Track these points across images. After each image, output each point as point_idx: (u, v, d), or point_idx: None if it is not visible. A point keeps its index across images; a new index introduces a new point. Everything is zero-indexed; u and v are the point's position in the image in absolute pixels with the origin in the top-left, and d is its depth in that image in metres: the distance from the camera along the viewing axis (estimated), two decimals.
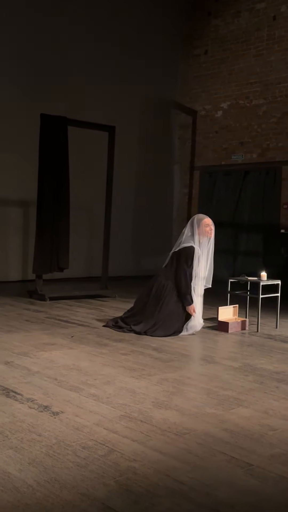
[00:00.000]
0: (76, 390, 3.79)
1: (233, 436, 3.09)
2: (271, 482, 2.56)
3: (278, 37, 10.20)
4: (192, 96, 11.68)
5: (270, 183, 10.36)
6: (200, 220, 5.91)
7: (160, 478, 2.55)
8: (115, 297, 8.26)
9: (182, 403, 3.60)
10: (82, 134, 8.85)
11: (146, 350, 5.08)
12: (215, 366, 4.62)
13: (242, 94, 10.79)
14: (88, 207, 10.05)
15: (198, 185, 11.61)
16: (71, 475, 2.54)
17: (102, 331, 5.85)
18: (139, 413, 3.39)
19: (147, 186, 11.32)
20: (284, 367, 4.65)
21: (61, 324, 6.12)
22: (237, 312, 6.50)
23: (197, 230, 5.87)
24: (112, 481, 2.50)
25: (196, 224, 5.89)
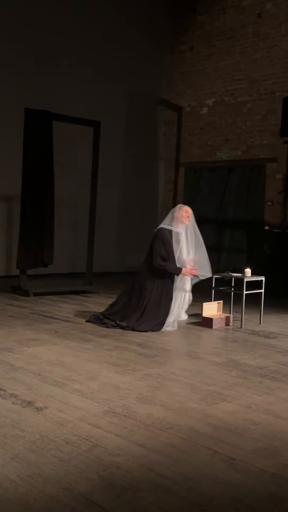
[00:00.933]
0: (59, 385, 3.78)
1: (216, 431, 3.11)
2: (254, 476, 2.59)
3: (263, 34, 10.24)
4: (178, 93, 11.68)
5: (255, 180, 10.41)
6: (181, 206, 6.09)
7: (143, 473, 2.56)
8: (100, 293, 8.25)
9: (166, 398, 3.62)
10: (67, 129, 8.80)
11: (130, 345, 5.08)
12: (199, 361, 4.64)
13: (227, 91, 10.81)
14: (73, 203, 10.01)
15: (183, 181, 11.62)
16: (54, 470, 2.54)
17: (86, 326, 5.84)
18: (123, 408, 3.39)
19: (132, 182, 11.31)
20: (267, 362, 4.69)
21: (45, 320, 6.09)
22: (221, 308, 6.54)
23: (175, 214, 5.99)
24: (95, 475, 2.50)
25: (177, 209, 6.04)
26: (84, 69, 10.27)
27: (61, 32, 9.95)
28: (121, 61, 10.88)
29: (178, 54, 11.66)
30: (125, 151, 11.22)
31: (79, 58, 10.22)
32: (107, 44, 10.65)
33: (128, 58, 10.99)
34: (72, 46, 10.13)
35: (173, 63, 11.72)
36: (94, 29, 10.43)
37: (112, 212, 10.98)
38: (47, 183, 7.87)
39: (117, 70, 10.81)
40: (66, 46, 10.04)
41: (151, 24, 11.37)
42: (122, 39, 10.86)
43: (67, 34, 10.04)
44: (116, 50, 10.79)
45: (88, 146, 8.60)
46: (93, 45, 10.43)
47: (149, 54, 11.44)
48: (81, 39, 10.25)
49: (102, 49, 10.57)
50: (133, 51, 11.07)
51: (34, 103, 8.17)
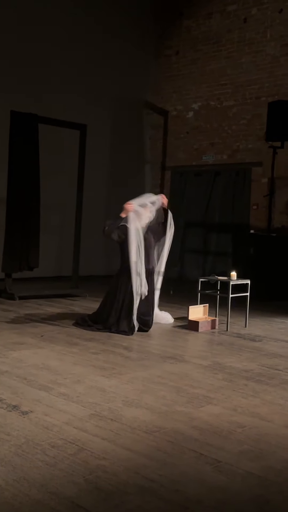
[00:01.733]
0: (45, 389, 3.77)
1: (202, 434, 3.11)
2: (239, 478, 2.60)
3: (249, 39, 10.32)
4: (164, 97, 11.72)
5: (240, 184, 10.47)
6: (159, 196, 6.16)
7: (129, 476, 2.55)
8: (86, 296, 8.23)
9: (152, 401, 3.62)
10: (53, 132, 8.78)
11: (116, 349, 5.08)
12: (185, 364, 4.65)
13: (213, 95, 10.87)
14: (59, 206, 9.98)
15: (169, 185, 11.65)
16: (40, 474, 2.53)
17: (72, 330, 5.83)
18: (109, 411, 3.39)
19: (118, 185, 11.30)
20: (253, 365, 4.71)
21: (31, 324, 6.07)
22: (207, 311, 6.56)
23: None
24: (81, 479, 2.49)
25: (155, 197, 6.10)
26: (71, 72, 10.27)
27: (47, 36, 9.93)
28: (108, 64, 10.89)
29: (164, 58, 11.70)
30: (111, 154, 11.23)
31: (66, 61, 10.21)
32: (94, 48, 10.65)
33: (114, 62, 11.00)
34: (59, 50, 10.11)
35: (160, 67, 11.76)
36: (81, 33, 10.43)
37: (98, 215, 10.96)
38: (33, 186, 7.85)
39: (103, 73, 10.82)
40: (53, 50, 10.02)
41: (138, 28, 11.40)
42: (108, 43, 10.88)
43: (54, 38, 10.03)
44: (103, 54, 10.80)
45: (74, 149, 8.59)
46: (79, 49, 10.43)
47: (136, 58, 11.47)
48: (67, 43, 10.24)
49: (89, 53, 10.58)
50: (119, 55, 11.08)
51: (21, 106, 8.14)
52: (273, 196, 9.66)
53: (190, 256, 11.18)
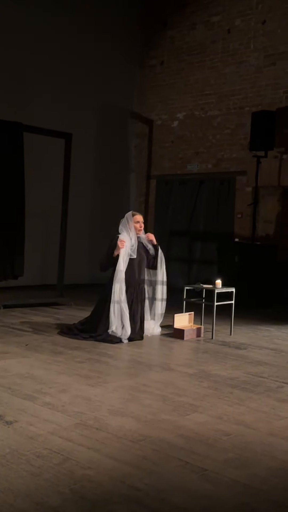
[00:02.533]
0: (30, 398, 3.74)
1: (188, 442, 3.11)
2: (225, 487, 2.60)
3: (232, 50, 10.43)
4: (149, 106, 11.79)
5: (225, 193, 10.54)
6: (131, 216, 6.07)
7: (115, 485, 2.54)
8: (71, 305, 8.20)
9: (138, 410, 3.61)
10: (38, 141, 8.78)
11: (102, 357, 5.06)
12: (170, 373, 4.65)
13: (197, 105, 10.96)
14: (44, 214, 9.96)
15: (154, 193, 11.69)
16: (25, 484, 2.50)
17: (57, 339, 5.80)
18: (94, 420, 3.37)
19: (103, 194, 11.32)
20: (238, 373, 4.73)
21: (15, 333, 6.02)
22: (192, 319, 6.57)
23: (127, 225, 6.00)
24: (66, 489, 2.48)
25: (126, 220, 6.04)
26: (56, 81, 10.28)
27: (32, 45, 9.94)
28: (93, 74, 10.93)
29: (149, 68, 11.78)
30: (96, 163, 11.25)
31: (51, 70, 10.23)
32: (79, 57, 10.69)
33: (99, 71, 11.05)
34: (44, 59, 10.13)
35: (144, 77, 11.83)
36: (66, 42, 10.46)
37: (83, 224, 10.97)
38: (18, 194, 7.82)
39: (89, 83, 10.85)
40: (38, 59, 10.04)
41: (123, 38, 11.47)
42: (94, 53, 10.92)
43: (39, 48, 10.04)
44: (88, 63, 10.84)
45: (59, 158, 8.58)
46: (65, 58, 10.45)
47: (121, 67, 11.53)
48: (53, 52, 10.26)
49: (74, 62, 10.61)
50: (104, 64, 11.14)
51: (5, 114, 8.13)
52: (257, 205, 9.74)
53: (175, 265, 11.18)
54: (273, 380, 4.53)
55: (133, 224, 5.99)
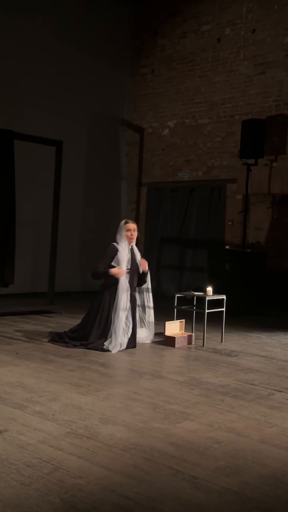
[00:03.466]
0: (20, 407, 3.72)
1: (179, 450, 3.10)
2: (216, 495, 2.59)
3: (222, 58, 10.51)
4: (140, 114, 11.83)
5: (215, 200, 10.58)
6: (123, 224, 6.04)
7: (105, 494, 2.53)
8: (62, 312, 8.17)
9: (129, 418, 3.60)
10: (29, 148, 8.77)
11: (93, 365, 5.04)
12: (161, 380, 4.64)
13: (188, 113, 11.02)
14: (35, 222, 9.94)
15: (145, 201, 11.72)
16: (15, 494, 2.48)
17: (48, 347, 5.77)
18: (85, 429, 3.36)
19: (94, 202, 11.33)
20: (229, 380, 4.73)
21: (5, 341, 5.99)
22: (183, 327, 6.57)
23: (121, 233, 5.99)
24: (57, 498, 2.46)
25: (119, 229, 6.02)
26: (47, 89, 10.30)
27: (23, 53, 9.96)
28: (84, 82, 10.97)
29: (139, 76, 11.83)
30: (87, 170, 11.25)
31: (42, 78, 10.24)
32: (70, 65, 10.72)
33: (90, 79, 11.09)
34: (35, 67, 10.15)
35: (135, 85, 11.89)
36: (57, 51, 10.49)
37: (74, 231, 10.96)
38: (8, 202, 7.80)
39: (80, 90, 10.88)
40: (29, 67, 10.06)
41: (113, 47, 11.52)
42: (85, 61, 10.96)
43: (30, 56, 10.06)
44: (79, 71, 10.88)
45: (50, 166, 8.58)
46: (56, 66, 10.48)
47: (112, 76, 11.57)
48: (44, 60, 10.29)
49: (65, 70, 10.64)
50: (95, 72, 11.17)
51: None
52: (247, 213, 9.78)
53: (166, 272, 11.21)
54: (264, 388, 4.53)
55: (125, 233, 5.97)
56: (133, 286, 6.01)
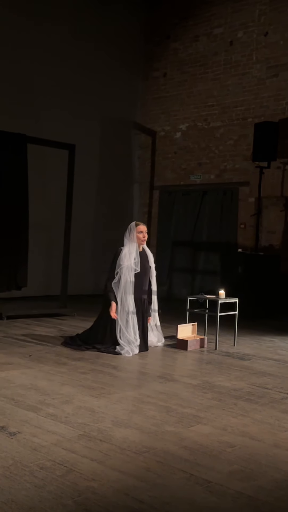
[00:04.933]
0: (33, 410, 3.73)
1: (192, 454, 3.09)
2: (230, 499, 2.58)
3: (235, 61, 10.50)
4: (152, 117, 11.85)
5: (228, 203, 10.56)
6: (134, 226, 5.99)
7: (119, 497, 2.53)
8: (74, 315, 8.19)
9: (142, 421, 3.59)
10: (42, 152, 8.82)
11: (105, 368, 5.05)
12: (174, 384, 4.63)
13: (200, 116, 11.02)
14: (47, 225, 9.98)
15: (158, 204, 11.72)
16: (29, 496, 2.49)
17: (60, 350, 5.79)
18: (98, 432, 3.36)
19: (107, 205, 11.35)
20: (242, 384, 4.70)
21: (19, 343, 6.02)
22: (195, 330, 6.55)
23: (130, 235, 5.94)
24: (70, 501, 2.46)
25: (129, 230, 5.97)
26: (60, 93, 10.36)
27: (36, 57, 10.03)
28: (97, 86, 11.01)
29: (152, 80, 11.86)
30: (100, 174, 11.29)
31: (55, 82, 10.30)
32: (83, 69, 10.77)
33: (103, 83, 11.13)
34: (48, 71, 10.21)
35: (147, 89, 11.91)
36: (70, 54, 10.55)
37: (87, 234, 10.99)
38: (22, 205, 7.85)
39: (92, 94, 10.93)
40: (42, 71, 10.12)
41: (126, 51, 11.56)
42: (97, 65, 11.01)
43: (43, 59, 10.13)
44: (92, 75, 10.93)
45: (63, 169, 8.62)
46: (68, 70, 10.54)
47: (124, 79, 11.61)
48: (57, 64, 10.35)
49: (78, 74, 10.69)
50: (108, 76, 11.22)
51: (9, 126, 8.18)
52: (260, 216, 9.75)
53: (178, 275, 11.20)
54: (277, 391, 4.51)
55: (136, 235, 5.95)
56: (143, 289, 5.98)
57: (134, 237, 5.91)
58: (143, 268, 5.93)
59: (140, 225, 6.01)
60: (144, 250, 6.07)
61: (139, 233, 5.93)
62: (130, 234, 5.92)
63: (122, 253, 5.84)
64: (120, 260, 5.81)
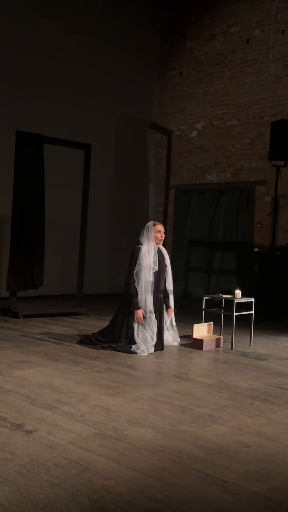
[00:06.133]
0: (49, 408, 3.75)
1: (207, 453, 3.08)
2: (246, 499, 2.57)
3: (251, 60, 10.44)
4: (168, 116, 11.84)
5: (244, 202, 10.51)
6: (152, 226, 5.99)
7: (134, 496, 2.53)
8: (90, 314, 8.22)
9: (157, 421, 3.59)
10: (58, 152, 8.86)
11: (121, 367, 5.06)
12: (189, 383, 4.62)
13: (216, 115, 10.97)
14: (64, 224, 10.03)
15: (173, 203, 11.71)
16: (44, 493, 2.50)
17: (76, 348, 5.81)
18: (113, 431, 3.36)
19: (122, 204, 11.37)
20: (258, 384, 4.68)
21: (35, 342, 6.05)
22: (211, 329, 6.53)
23: (148, 235, 5.93)
24: (86, 499, 2.47)
25: (146, 230, 5.96)
26: (75, 92, 10.39)
27: (53, 56, 10.08)
28: (112, 85, 11.03)
29: (168, 79, 11.84)
30: (115, 173, 11.31)
31: (70, 81, 10.34)
32: (99, 68, 10.80)
33: (119, 82, 11.15)
34: (64, 70, 10.26)
35: (163, 88, 11.90)
36: (86, 54, 10.58)
37: (103, 234, 11.01)
38: (38, 205, 7.89)
39: (108, 94, 10.95)
40: (58, 70, 10.17)
41: (142, 50, 11.56)
42: (113, 64, 11.02)
43: (58, 58, 10.17)
44: (108, 74, 10.95)
45: (79, 169, 8.65)
46: (84, 69, 10.57)
47: (140, 78, 11.61)
48: (72, 64, 10.38)
49: (94, 73, 10.72)
50: (124, 75, 11.23)
51: (26, 126, 8.23)
52: (276, 215, 9.68)
53: (194, 274, 11.18)
54: None
55: (154, 234, 5.95)
56: (160, 288, 5.99)
57: (152, 236, 5.92)
58: (160, 267, 5.94)
59: (158, 225, 6.03)
60: (160, 249, 6.07)
61: (157, 233, 5.95)
62: (148, 233, 5.93)
63: (142, 252, 5.83)
64: (140, 258, 5.81)
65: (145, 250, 5.85)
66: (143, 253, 5.82)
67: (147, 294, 5.80)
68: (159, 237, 5.96)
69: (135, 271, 5.79)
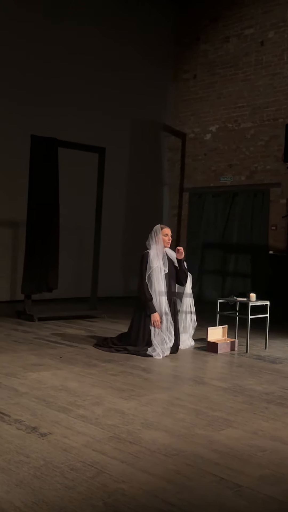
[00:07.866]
0: (64, 411, 3.76)
1: (222, 457, 3.07)
2: (260, 503, 2.55)
3: (266, 62, 10.41)
4: (181, 119, 11.84)
5: (258, 205, 10.46)
6: (159, 229, 6.01)
7: (148, 499, 2.52)
8: (104, 317, 8.23)
9: (171, 424, 3.59)
10: (72, 155, 8.91)
11: (135, 370, 5.06)
12: (204, 386, 4.61)
13: (230, 117, 10.95)
14: (78, 227, 10.07)
15: (187, 206, 11.70)
16: (59, 496, 2.51)
17: (91, 351, 5.82)
18: (128, 434, 3.36)
19: (136, 207, 11.38)
20: (273, 388, 4.65)
21: (50, 345, 6.08)
22: (226, 333, 6.51)
23: (155, 238, 5.94)
24: (100, 502, 2.47)
25: (154, 233, 5.98)
26: (90, 96, 10.44)
27: (67, 59, 10.14)
28: (126, 88, 11.06)
29: (182, 82, 11.85)
30: (129, 176, 11.33)
31: (85, 85, 10.39)
32: (113, 71, 10.84)
33: (133, 86, 11.18)
34: (78, 73, 10.31)
35: (177, 91, 11.90)
36: (100, 57, 10.63)
37: (117, 237, 11.04)
38: (53, 208, 7.94)
39: (122, 97, 10.98)
40: (72, 74, 10.22)
41: (156, 53, 11.59)
42: (127, 67, 11.06)
43: (73, 62, 10.23)
44: (122, 78, 10.99)
45: (93, 172, 8.69)
46: (98, 73, 10.62)
47: (154, 81, 11.64)
48: (87, 67, 10.44)
49: (108, 77, 10.76)
50: (138, 78, 11.26)
51: (41, 130, 8.28)
52: None
53: (208, 277, 11.15)
54: None
55: (162, 237, 5.97)
56: (172, 291, 5.99)
57: (160, 239, 5.95)
58: (170, 270, 5.96)
59: (165, 228, 6.07)
60: (167, 252, 6.08)
61: (165, 236, 5.98)
62: (156, 237, 5.96)
63: (151, 256, 5.86)
64: (150, 262, 5.83)
65: (154, 253, 5.88)
66: (152, 256, 5.85)
67: (160, 297, 5.80)
68: (167, 240, 5.99)
69: (147, 275, 5.80)
